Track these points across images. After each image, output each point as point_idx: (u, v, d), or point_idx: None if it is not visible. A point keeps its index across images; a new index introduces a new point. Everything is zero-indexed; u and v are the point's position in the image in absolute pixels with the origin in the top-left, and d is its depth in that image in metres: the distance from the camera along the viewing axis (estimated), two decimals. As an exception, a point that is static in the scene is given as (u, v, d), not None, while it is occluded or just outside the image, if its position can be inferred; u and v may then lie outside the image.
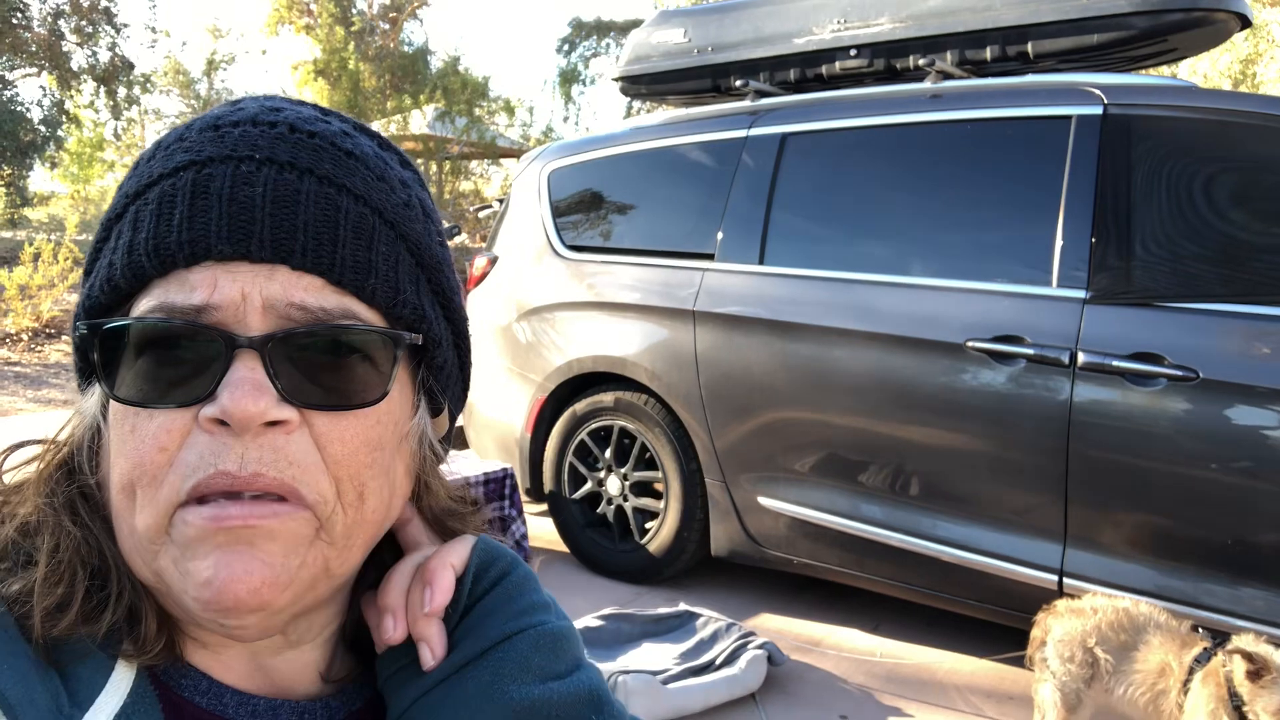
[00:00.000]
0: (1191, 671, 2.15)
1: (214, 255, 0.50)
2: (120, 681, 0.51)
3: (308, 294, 0.52)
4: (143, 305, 0.52)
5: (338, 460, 0.52)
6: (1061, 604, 2.39)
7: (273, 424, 0.50)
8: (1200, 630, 2.25)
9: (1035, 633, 2.39)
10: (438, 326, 0.59)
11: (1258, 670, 2.02)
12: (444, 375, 0.61)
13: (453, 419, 0.65)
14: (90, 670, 0.51)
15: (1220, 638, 2.21)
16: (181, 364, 0.50)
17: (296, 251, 0.51)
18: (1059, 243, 2.76)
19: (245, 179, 0.52)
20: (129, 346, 0.51)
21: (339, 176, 0.54)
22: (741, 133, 3.52)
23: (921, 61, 3.30)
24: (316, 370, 0.52)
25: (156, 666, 0.54)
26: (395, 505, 0.58)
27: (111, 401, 0.52)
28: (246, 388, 0.49)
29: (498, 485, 3.87)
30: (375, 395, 0.54)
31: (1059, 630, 2.34)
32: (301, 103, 0.58)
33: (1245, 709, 2.04)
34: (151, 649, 0.52)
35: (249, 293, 0.51)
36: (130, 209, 0.54)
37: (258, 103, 0.57)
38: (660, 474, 3.59)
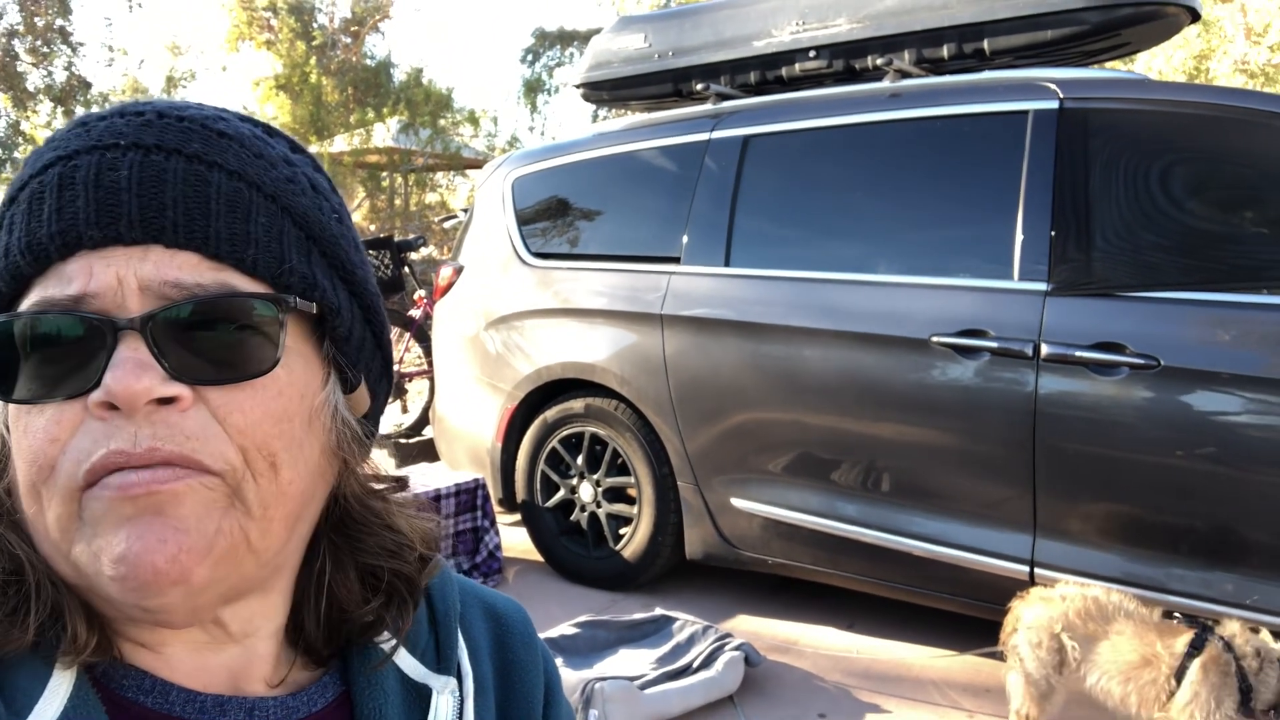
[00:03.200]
0: (1187, 658, 2.16)
1: (85, 243, 0.50)
2: (59, 686, 0.50)
3: (182, 271, 0.51)
4: (23, 306, 0.51)
5: (241, 430, 0.51)
6: (1034, 592, 2.40)
7: (165, 402, 0.49)
8: (1176, 617, 2.27)
9: (1008, 620, 2.41)
10: (334, 296, 0.57)
11: None
12: (351, 347, 0.59)
13: (374, 396, 0.63)
14: (26, 679, 0.50)
15: (1200, 624, 2.23)
16: (66, 357, 0.50)
17: (167, 229, 0.51)
18: (1019, 236, 2.79)
19: (110, 165, 0.51)
20: (15, 348, 0.50)
21: (208, 154, 0.53)
22: (704, 136, 3.53)
23: (880, 61, 3.33)
24: (203, 345, 0.51)
25: (97, 667, 0.52)
26: (318, 484, 0.57)
27: (6, 406, 0.51)
28: (128, 366, 0.48)
29: (469, 496, 3.85)
30: (266, 365, 0.52)
31: (1028, 618, 2.35)
32: (171, 100, 0.57)
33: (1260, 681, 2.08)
34: (85, 646, 0.50)
35: (124, 276, 0.50)
36: (5, 215, 0.53)
37: (123, 103, 0.56)
38: (633, 479, 3.58)
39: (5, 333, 0.50)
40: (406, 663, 0.63)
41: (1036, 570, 2.75)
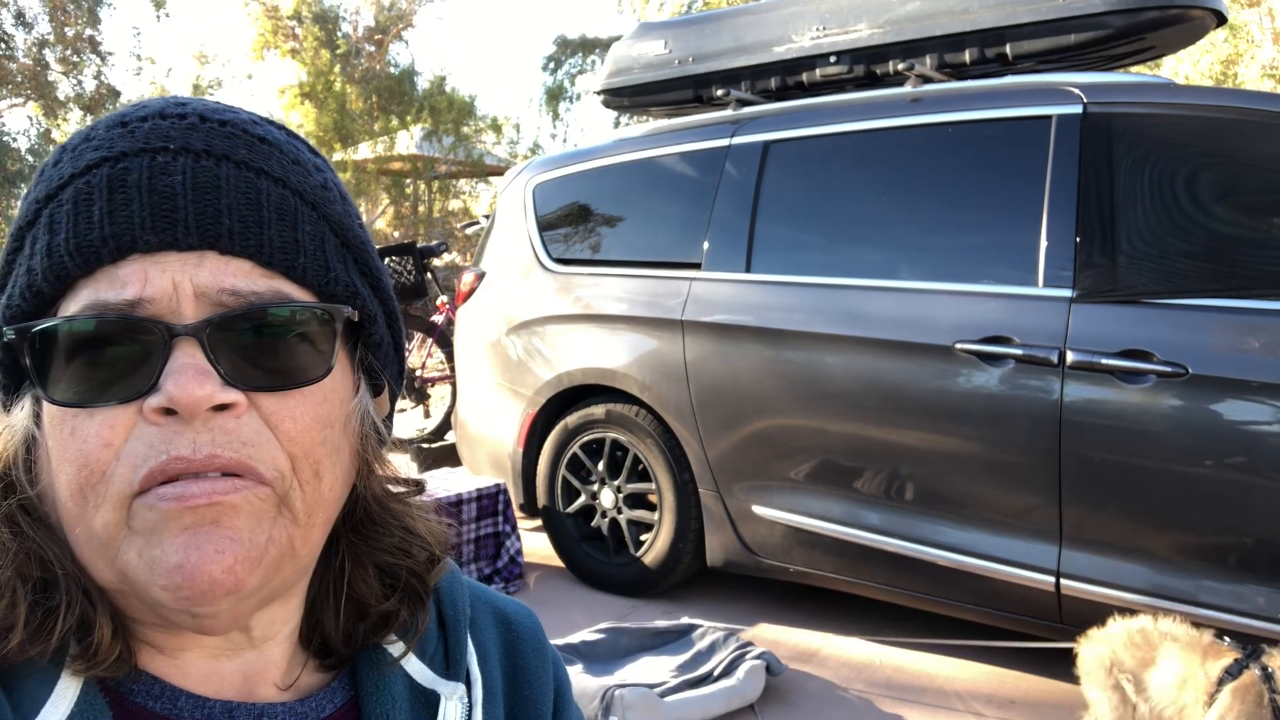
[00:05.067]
0: (1221, 683, 2.13)
1: (140, 247, 0.50)
2: (66, 690, 0.50)
3: (238, 279, 0.51)
4: (71, 307, 0.51)
5: (292, 438, 0.52)
6: (1091, 633, 2.39)
7: (220, 409, 0.49)
8: (1226, 640, 2.22)
9: (1078, 664, 2.40)
10: (371, 304, 0.59)
11: None
12: (382, 353, 0.60)
13: (393, 400, 0.64)
14: (33, 682, 0.50)
15: (1250, 648, 2.18)
16: (118, 361, 0.50)
17: (223, 236, 0.51)
18: (1044, 242, 2.76)
19: (163, 169, 0.51)
20: (60, 349, 0.50)
21: (255, 161, 0.54)
22: (724, 142, 3.53)
23: (901, 66, 3.31)
24: (257, 352, 0.51)
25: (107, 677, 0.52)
26: (347, 487, 0.58)
27: (47, 408, 0.51)
28: (190, 373, 0.48)
29: (491, 501, 3.86)
30: (320, 372, 0.54)
31: (1084, 661, 2.36)
32: (204, 99, 0.57)
33: None
34: (104, 659, 0.51)
35: (180, 282, 0.50)
36: (44, 213, 0.52)
37: (162, 100, 0.56)
38: (654, 485, 3.57)
39: (55, 334, 0.50)
40: (415, 668, 0.63)
41: (1062, 581, 2.71)
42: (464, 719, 0.63)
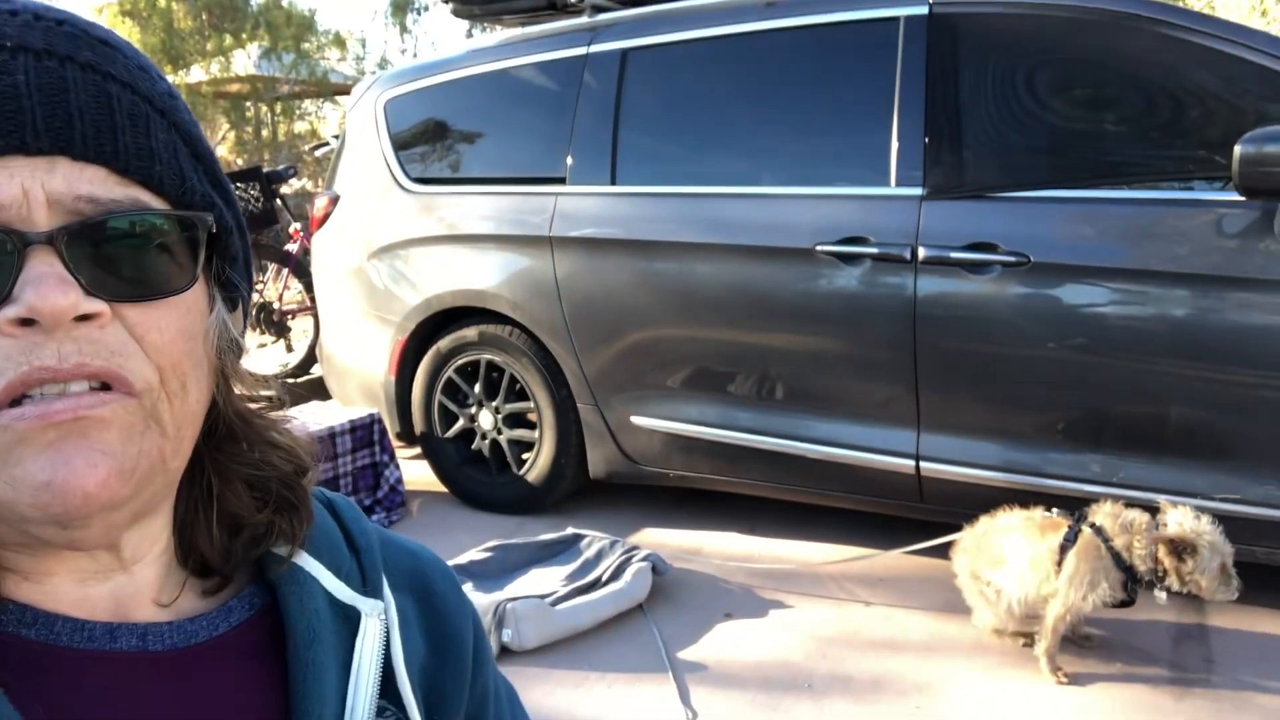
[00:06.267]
0: (1064, 550, 2.33)
1: None
2: None
3: (94, 185, 0.49)
4: None
5: (159, 349, 0.50)
6: (956, 543, 2.58)
7: (83, 320, 0.47)
8: (1055, 511, 2.43)
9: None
10: (226, 215, 0.57)
11: (1180, 549, 2.23)
12: (238, 266, 0.59)
13: (245, 315, 0.63)
14: None
15: (1077, 512, 2.40)
16: None
17: (76, 141, 0.48)
18: (895, 143, 2.85)
19: (1, 68, 0.47)
20: None
21: (102, 64, 0.50)
22: (581, 50, 3.45)
23: (755, -32, 3.29)
24: (117, 263, 0.49)
25: None
26: (208, 400, 0.56)
27: None
28: (51, 281, 0.46)
29: (365, 431, 3.79)
30: (183, 282, 0.52)
31: (957, 569, 2.59)
32: None
33: (1169, 579, 2.25)
34: None
35: (30, 188, 0.47)
36: None
37: None
38: (532, 404, 3.58)
39: None
40: (333, 585, 0.62)
41: (921, 464, 2.89)
42: (383, 638, 0.62)
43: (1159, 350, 2.57)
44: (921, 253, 2.77)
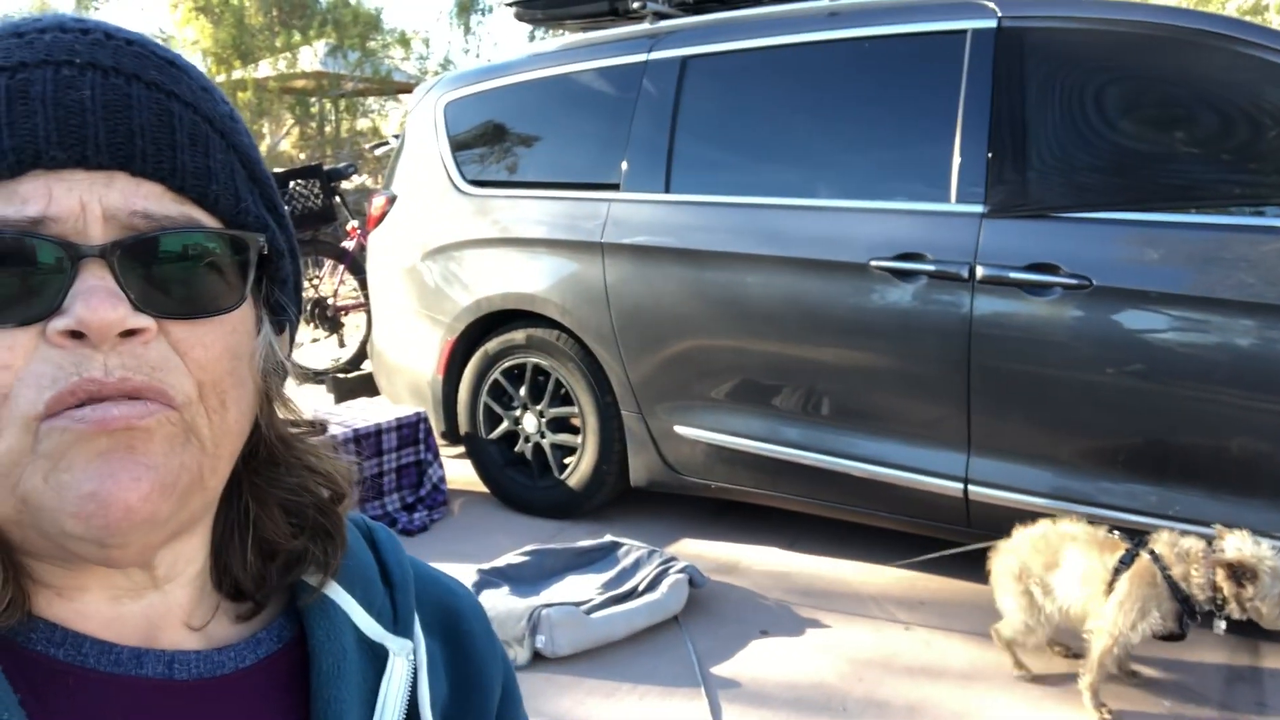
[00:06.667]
0: (1117, 572, 2.26)
1: (44, 163, 0.47)
2: None
3: (149, 201, 0.49)
4: None
5: (202, 365, 0.50)
6: (1000, 543, 2.50)
7: (128, 334, 0.47)
8: (1117, 533, 2.36)
9: (990, 576, 2.52)
10: (279, 238, 0.57)
11: (1240, 574, 2.14)
12: (288, 289, 0.59)
13: (291, 339, 0.63)
14: None
15: (1138, 538, 2.32)
16: (16, 281, 0.47)
17: (135, 157, 0.49)
18: (957, 159, 2.79)
19: (69, 83, 0.48)
20: None
21: (166, 83, 0.51)
22: (641, 57, 3.45)
23: (819, -21, 3.27)
24: (167, 279, 0.50)
25: None
26: (249, 423, 0.56)
27: None
28: (101, 295, 0.46)
29: (411, 430, 3.82)
30: (231, 302, 0.52)
31: (995, 571, 2.49)
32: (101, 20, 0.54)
33: (1229, 606, 2.16)
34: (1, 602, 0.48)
35: (87, 201, 0.48)
36: None
37: (57, 14, 0.52)
38: (576, 409, 3.57)
39: None
40: (362, 620, 0.61)
41: (970, 487, 2.82)
42: (410, 679, 0.61)
43: (1222, 380, 2.48)
44: (980, 271, 2.71)
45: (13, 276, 0.46)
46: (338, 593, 0.61)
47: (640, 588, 2.85)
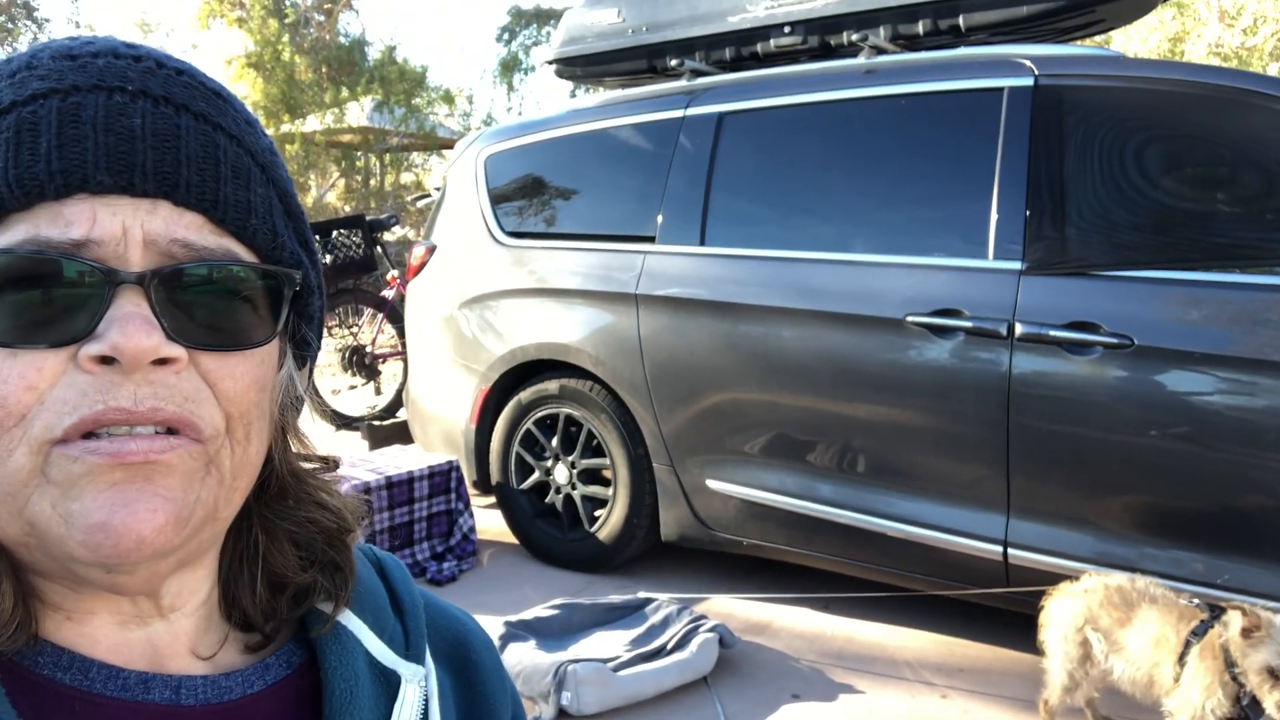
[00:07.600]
0: (1188, 645, 2.15)
1: (90, 187, 0.47)
2: None
3: (190, 232, 0.50)
4: (2, 240, 0.47)
5: (231, 398, 0.50)
6: (1062, 586, 2.40)
7: (160, 363, 0.47)
8: (1198, 603, 2.25)
9: (1041, 616, 2.41)
10: (311, 274, 0.58)
11: (1250, 627, 2.03)
12: (314, 325, 0.60)
13: (310, 373, 0.63)
14: None
15: (1219, 611, 2.21)
16: (52, 302, 0.47)
17: (180, 186, 0.49)
18: (994, 215, 2.77)
19: (120, 109, 0.49)
20: None
21: (214, 115, 0.52)
22: (678, 113, 3.49)
23: (855, 37, 3.30)
24: (201, 310, 0.50)
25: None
26: (265, 452, 0.56)
27: None
28: (137, 322, 0.46)
29: (443, 478, 3.82)
30: (263, 335, 0.53)
31: (1054, 613, 2.37)
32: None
33: (1238, 672, 2.03)
34: (3, 629, 0.47)
35: (130, 227, 0.48)
36: None
37: (109, 38, 0.53)
38: (608, 461, 3.55)
39: None
40: (375, 646, 0.61)
41: (1010, 551, 2.75)
42: (422, 706, 0.60)
43: (1270, 444, 2.41)
44: (1018, 329, 2.67)
45: (49, 298, 0.47)
46: (349, 618, 0.61)
47: (669, 646, 2.80)
